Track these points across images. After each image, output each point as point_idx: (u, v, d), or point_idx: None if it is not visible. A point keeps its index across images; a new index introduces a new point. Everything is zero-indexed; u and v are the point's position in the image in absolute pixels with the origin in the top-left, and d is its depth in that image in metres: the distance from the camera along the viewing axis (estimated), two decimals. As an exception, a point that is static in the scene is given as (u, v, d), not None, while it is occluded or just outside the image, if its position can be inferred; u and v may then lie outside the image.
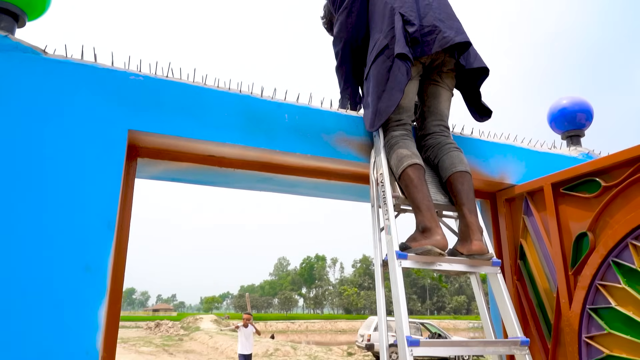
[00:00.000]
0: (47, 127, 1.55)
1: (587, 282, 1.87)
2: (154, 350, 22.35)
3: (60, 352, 1.39)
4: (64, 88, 1.61)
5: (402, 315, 1.48)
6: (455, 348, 1.48)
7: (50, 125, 1.56)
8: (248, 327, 11.23)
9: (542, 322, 2.11)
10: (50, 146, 1.54)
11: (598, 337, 1.83)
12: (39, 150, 1.53)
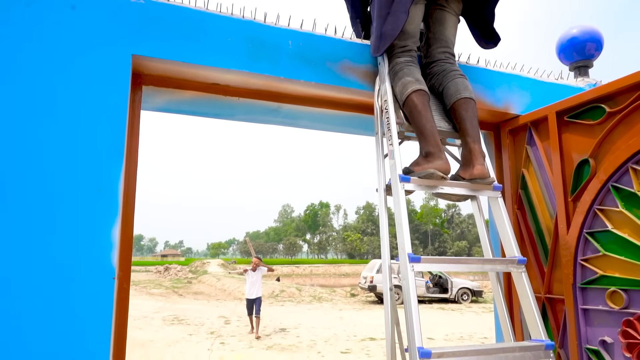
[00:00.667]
0: (51, 54, 1.55)
1: (585, 207, 1.91)
2: (164, 292, 23.25)
3: (77, 268, 1.46)
4: (64, 13, 1.59)
5: (405, 235, 1.54)
6: (455, 265, 1.54)
7: (54, 50, 1.55)
8: (256, 270, 10.94)
9: (539, 247, 2.18)
10: (57, 71, 1.54)
11: (593, 259, 1.89)
12: (45, 76, 1.53)
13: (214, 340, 10.64)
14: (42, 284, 1.42)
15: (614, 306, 1.79)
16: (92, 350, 1.44)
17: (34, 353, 1.38)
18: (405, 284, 1.47)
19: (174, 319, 13.99)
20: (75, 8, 1.60)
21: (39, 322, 1.40)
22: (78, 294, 1.45)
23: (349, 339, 11.03)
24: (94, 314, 1.46)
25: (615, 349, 1.79)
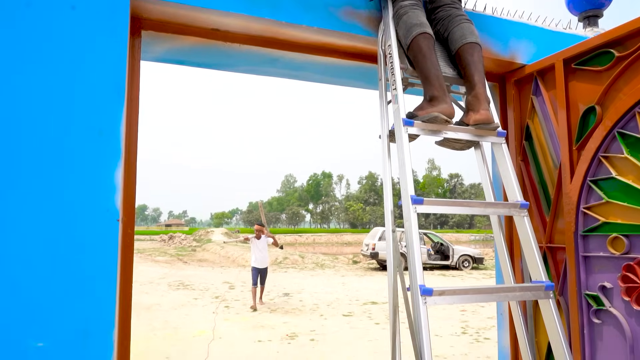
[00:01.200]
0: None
1: (590, 155, 1.90)
2: (169, 259, 23.61)
3: (82, 211, 1.47)
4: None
5: (408, 178, 1.53)
6: (458, 207, 1.54)
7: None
8: (261, 238, 10.25)
9: (542, 198, 2.18)
10: (55, 14, 1.51)
11: (595, 206, 1.89)
12: (42, 21, 1.49)
13: (218, 304, 10.86)
14: (47, 226, 1.43)
15: (614, 252, 1.81)
16: (99, 291, 1.46)
17: (41, 295, 1.40)
18: (408, 226, 1.48)
19: (179, 285, 14.25)
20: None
21: (45, 265, 1.42)
22: (83, 236, 1.46)
23: (351, 303, 11.24)
24: (100, 256, 1.47)
25: (614, 293, 1.82)
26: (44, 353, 1.39)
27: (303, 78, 2.42)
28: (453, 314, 9.86)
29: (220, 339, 7.63)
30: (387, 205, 1.66)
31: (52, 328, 1.40)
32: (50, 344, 1.40)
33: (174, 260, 23.41)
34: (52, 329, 1.40)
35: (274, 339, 7.55)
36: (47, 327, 1.40)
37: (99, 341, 1.43)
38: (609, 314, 1.82)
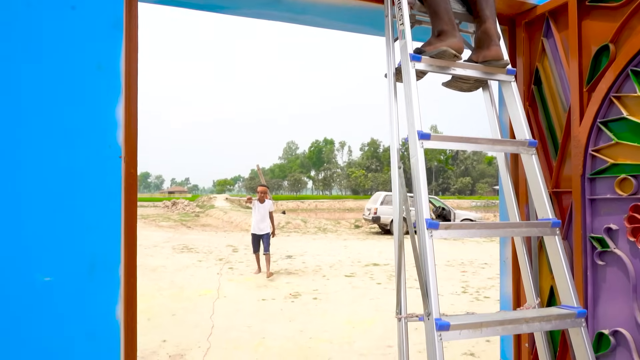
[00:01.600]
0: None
1: (601, 96, 1.85)
2: (172, 225, 23.85)
3: (82, 146, 1.45)
4: None
5: (415, 113, 1.50)
6: (465, 144, 1.51)
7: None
8: (265, 202, 9.42)
9: (549, 143, 2.15)
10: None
11: (604, 148, 1.87)
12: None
13: (222, 266, 11.02)
14: (50, 162, 1.41)
15: (622, 193, 1.79)
16: (104, 227, 1.46)
17: (47, 231, 1.40)
18: (415, 162, 1.46)
19: (184, 248, 14.44)
20: None
21: (50, 201, 1.41)
22: (86, 172, 1.45)
23: (353, 264, 11.39)
24: (104, 192, 1.46)
25: (620, 234, 1.81)
26: (51, 287, 1.40)
27: (306, 22, 2.34)
28: (454, 274, 10.00)
29: (225, 297, 7.78)
30: (393, 144, 1.63)
31: (58, 263, 1.41)
32: (57, 278, 1.41)
33: (177, 225, 23.66)
34: (58, 264, 1.41)
35: (278, 298, 7.69)
36: (53, 262, 1.40)
37: (105, 276, 1.44)
38: (614, 255, 1.82)
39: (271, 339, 5.57)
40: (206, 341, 5.44)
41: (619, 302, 1.81)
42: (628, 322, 1.78)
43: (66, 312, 1.40)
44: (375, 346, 5.33)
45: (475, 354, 5.12)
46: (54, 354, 1.39)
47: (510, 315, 1.42)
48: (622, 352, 1.81)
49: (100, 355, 1.43)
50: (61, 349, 1.39)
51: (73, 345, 1.41)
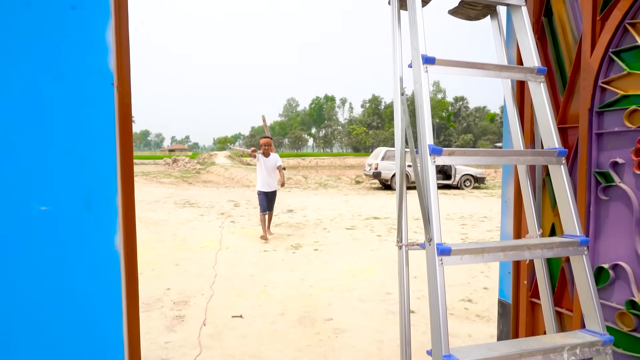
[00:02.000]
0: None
1: (614, 24, 1.77)
2: (174, 181, 23.94)
3: (72, 73, 1.39)
4: None
5: (420, 39, 1.43)
6: (471, 69, 1.45)
7: None
8: (271, 156, 8.49)
9: (557, 78, 2.08)
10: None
11: (615, 80, 1.80)
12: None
13: (224, 220, 11.13)
14: (38, 90, 1.36)
15: (630, 125, 1.74)
16: (98, 158, 1.42)
17: (41, 160, 1.37)
18: (418, 88, 1.40)
19: (185, 203, 14.54)
20: None
21: (43, 131, 1.37)
22: (77, 100, 1.40)
23: (353, 218, 11.49)
24: (97, 121, 1.42)
25: (626, 168, 1.78)
26: (48, 216, 1.38)
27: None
28: (453, 227, 10.11)
29: (227, 249, 7.89)
30: (396, 72, 1.57)
31: (54, 192, 1.38)
32: (54, 207, 1.39)
33: (179, 181, 23.74)
34: (54, 194, 1.38)
35: (279, 249, 7.79)
36: (49, 192, 1.38)
37: (103, 206, 1.42)
38: (618, 189, 1.80)
39: (273, 287, 5.69)
40: (209, 289, 5.55)
41: (621, 236, 1.80)
42: (628, 256, 1.78)
43: (64, 241, 1.39)
44: (374, 293, 5.45)
45: (473, 300, 5.23)
46: (53, 282, 1.39)
47: (513, 242, 1.41)
48: (620, 285, 1.82)
49: (100, 284, 1.43)
50: (60, 278, 1.39)
51: (73, 274, 1.41)
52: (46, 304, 1.38)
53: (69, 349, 1.40)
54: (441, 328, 1.24)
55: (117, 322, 1.46)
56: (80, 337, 1.41)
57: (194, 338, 4.01)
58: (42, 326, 1.38)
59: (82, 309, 1.41)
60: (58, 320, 1.39)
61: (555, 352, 1.33)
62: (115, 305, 1.45)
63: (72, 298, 1.40)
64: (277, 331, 4.21)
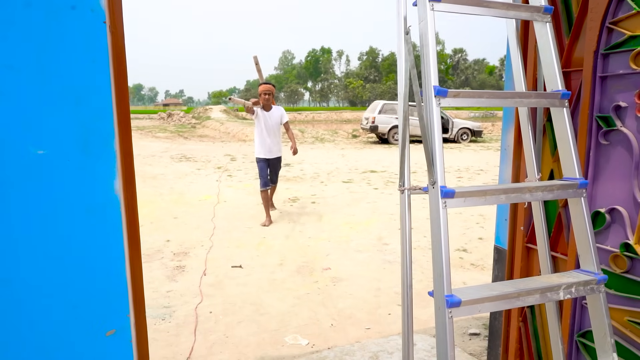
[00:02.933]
0: None
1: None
2: (169, 136, 23.76)
3: (63, 7, 1.34)
4: None
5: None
6: (477, 7, 1.40)
7: None
8: (272, 110, 6.28)
9: (563, 18, 2.02)
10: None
11: (623, 20, 1.75)
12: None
13: (221, 174, 11.14)
14: (29, 26, 1.31)
15: (636, 68, 1.71)
16: (95, 101, 1.39)
17: (36, 102, 1.33)
18: (424, 26, 1.35)
19: (182, 157, 14.51)
20: None
21: (36, 69, 1.32)
22: (68, 39, 1.35)
23: (350, 172, 11.53)
24: (89, 62, 1.37)
25: (628, 112, 1.76)
26: (45, 160, 1.36)
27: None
28: (450, 180, 10.16)
29: (225, 202, 7.95)
30: (400, 10, 1.51)
31: (50, 136, 1.36)
32: (51, 151, 1.37)
33: (174, 136, 23.57)
34: (50, 137, 1.36)
35: (277, 202, 7.85)
36: (45, 135, 1.35)
37: (100, 149, 1.40)
38: (619, 133, 1.79)
39: (271, 238, 5.78)
40: (208, 240, 5.64)
41: (619, 181, 1.81)
42: (625, 200, 1.79)
43: (63, 186, 1.38)
44: (371, 244, 5.55)
45: (468, 249, 5.34)
46: (53, 229, 1.39)
47: (514, 185, 1.41)
48: (615, 229, 1.84)
49: (101, 230, 1.43)
50: (60, 224, 1.39)
51: (72, 221, 1.40)
52: (47, 253, 1.38)
53: (73, 298, 1.42)
54: (444, 269, 1.26)
55: (121, 268, 1.47)
56: (83, 285, 1.43)
57: (195, 287, 4.11)
58: (44, 275, 1.39)
59: (83, 256, 1.42)
60: (60, 269, 1.40)
61: (552, 290, 1.36)
62: (117, 252, 1.46)
63: (73, 245, 1.41)
64: (276, 280, 4.32)
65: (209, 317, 3.50)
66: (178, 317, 3.48)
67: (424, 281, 4.25)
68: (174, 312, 3.57)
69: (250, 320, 3.46)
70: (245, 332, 3.26)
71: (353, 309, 3.68)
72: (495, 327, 2.67)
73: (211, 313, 3.56)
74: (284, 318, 3.50)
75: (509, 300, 1.32)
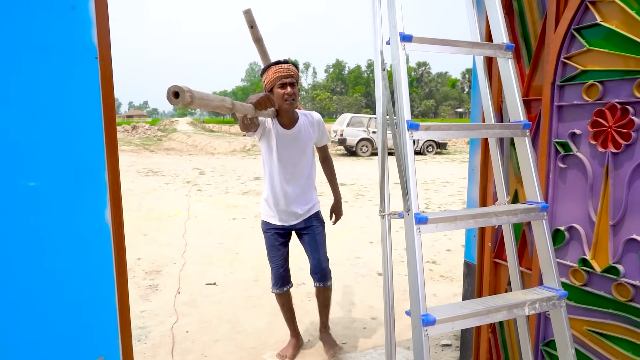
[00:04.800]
0: None
1: (577, 2, 1.88)
2: (134, 149, 23.29)
3: (56, 46, 1.38)
4: None
5: (397, 15, 1.49)
6: (445, 47, 1.53)
7: None
8: (297, 121, 2.82)
9: (523, 52, 2.19)
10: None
11: (576, 55, 1.92)
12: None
13: (191, 188, 11.04)
14: (21, 65, 1.34)
15: (588, 99, 1.88)
16: (87, 131, 1.43)
17: (28, 135, 1.36)
18: (396, 64, 1.47)
19: (149, 171, 14.27)
20: None
21: (30, 106, 1.36)
22: (62, 74, 1.39)
23: (321, 184, 11.64)
24: (82, 96, 1.42)
25: (582, 139, 1.93)
26: (37, 192, 1.39)
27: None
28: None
29: (195, 217, 7.89)
30: (377, 47, 1.62)
31: (43, 168, 1.39)
32: (43, 183, 1.40)
33: (140, 149, 23.13)
34: (43, 169, 1.39)
35: (248, 217, 7.86)
36: (37, 167, 1.38)
37: (92, 179, 1.44)
38: (575, 158, 1.95)
39: (245, 254, 5.78)
40: (181, 258, 5.59)
41: (576, 201, 1.97)
42: (582, 218, 1.95)
43: (55, 216, 1.41)
44: (344, 257, 5.64)
45: (437, 261, 5.51)
46: (45, 260, 1.41)
47: (482, 210, 1.53)
48: (574, 245, 2.00)
49: (92, 259, 1.47)
50: (53, 255, 1.41)
51: (65, 251, 1.43)
52: (39, 283, 1.40)
53: (64, 326, 1.43)
54: (419, 290, 1.36)
55: (110, 295, 1.50)
56: (74, 312, 1.45)
57: (169, 306, 4.08)
58: (36, 303, 1.41)
59: (74, 285, 1.44)
60: (51, 298, 1.42)
61: (518, 307, 1.48)
62: (107, 279, 1.49)
63: (64, 274, 1.43)
64: (251, 297, 4.34)
65: (185, 336, 3.49)
66: (154, 338, 3.45)
67: (396, 294, 4.37)
68: (150, 333, 3.54)
69: (228, 338, 3.48)
70: (223, 350, 3.28)
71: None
72: (466, 338, 2.81)
73: (187, 332, 3.56)
74: (261, 335, 3.53)
75: (479, 317, 1.44)
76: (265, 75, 2.73)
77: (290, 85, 2.66)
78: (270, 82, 2.70)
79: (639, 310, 1.76)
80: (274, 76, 2.66)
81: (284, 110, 2.72)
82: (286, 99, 2.66)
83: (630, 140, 1.74)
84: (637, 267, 1.77)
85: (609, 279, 1.86)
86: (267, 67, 2.73)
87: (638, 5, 1.69)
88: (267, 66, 2.73)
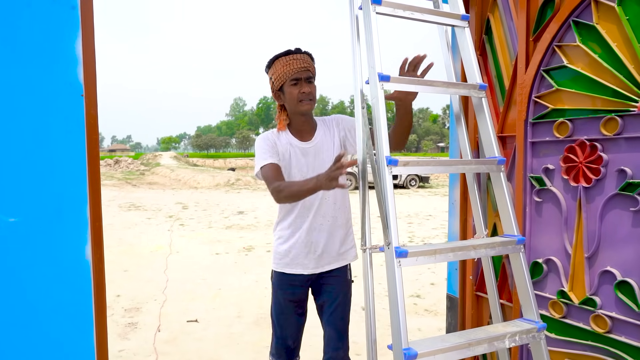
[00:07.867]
0: None
1: (545, 46, 1.99)
2: (117, 183, 23.05)
3: (43, 85, 1.40)
4: None
5: (375, 56, 1.56)
6: (421, 86, 1.60)
7: None
8: (319, 129, 2.16)
9: (497, 90, 2.29)
10: None
11: (546, 95, 2.02)
12: None
13: (173, 222, 10.91)
14: (11, 102, 1.36)
15: (559, 136, 1.96)
16: (68, 168, 1.44)
17: (9, 172, 1.37)
18: (375, 103, 1.53)
19: (131, 206, 14.09)
20: None
21: (14, 141, 1.37)
22: (48, 111, 1.41)
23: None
24: (66, 132, 1.44)
25: (556, 174, 2.00)
26: (16, 228, 1.38)
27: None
28: (400, 225, 10.46)
29: (177, 253, 7.77)
30: (357, 85, 1.68)
31: (24, 204, 1.39)
32: (23, 219, 1.39)
33: (122, 183, 22.89)
34: (24, 206, 1.39)
35: (231, 252, 7.78)
36: (18, 203, 1.38)
37: (73, 215, 1.44)
38: (549, 192, 2.02)
39: (227, 290, 5.69)
40: (162, 294, 5.48)
41: (552, 234, 2.03)
42: (559, 251, 2.00)
43: (35, 253, 1.40)
44: (328, 292, 5.59)
45: (421, 295, 5.50)
46: (24, 297, 1.39)
47: (460, 243, 1.57)
48: (552, 277, 2.04)
49: (72, 296, 1.45)
50: (32, 292, 1.40)
51: (44, 288, 1.41)
52: (17, 318, 1.38)
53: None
54: (400, 324, 1.37)
55: (89, 332, 1.48)
56: (51, 349, 1.42)
57: (148, 345, 3.97)
58: (16, 339, 1.38)
59: (52, 321, 1.42)
60: (30, 335, 1.39)
61: (498, 339, 1.50)
62: (86, 316, 1.47)
63: (42, 311, 1.41)
64: (234, 334, 4.25)
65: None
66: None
67: (380, 330, 4.33)
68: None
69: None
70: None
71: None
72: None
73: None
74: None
75: (461, 350, 1.45)
76: (271, 70, 2.08)
77: (307, 81, 2.03)
78: (279, 79, 2.04)
79: (616, 342, 1.79)
80: (284, 70, 2.01)
81: (301, 114, 2.07)
82: (301, 100, 2.03)
83: (599, 175, 1.81)
84: (613, 299, 1.81)
85: (586, 311, 1.90)
86: (274, 59, 2.07)
87: (601, 50, 1.80)
88: (274, 58, 2.07)
